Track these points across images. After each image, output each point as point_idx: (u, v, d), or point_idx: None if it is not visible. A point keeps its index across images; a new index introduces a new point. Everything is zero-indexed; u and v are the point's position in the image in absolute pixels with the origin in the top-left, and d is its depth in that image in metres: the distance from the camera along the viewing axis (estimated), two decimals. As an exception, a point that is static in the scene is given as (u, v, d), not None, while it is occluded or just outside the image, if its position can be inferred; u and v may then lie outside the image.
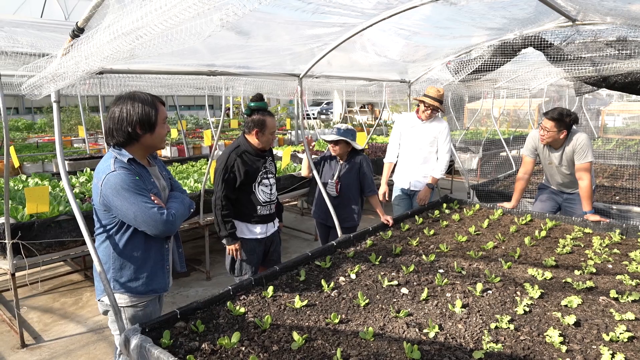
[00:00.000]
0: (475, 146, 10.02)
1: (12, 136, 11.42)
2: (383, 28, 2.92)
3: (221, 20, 1.15)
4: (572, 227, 3.50)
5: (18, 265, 3.26)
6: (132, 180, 1.95)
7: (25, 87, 1.96)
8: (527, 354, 1.81)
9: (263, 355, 1.79)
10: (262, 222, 3.11)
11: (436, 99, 4.01)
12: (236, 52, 2.87)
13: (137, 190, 1.95)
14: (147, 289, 2.15)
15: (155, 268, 2.17)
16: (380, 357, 1.77)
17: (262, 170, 3.06)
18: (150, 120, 2.02)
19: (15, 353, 3.33)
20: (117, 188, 1.93)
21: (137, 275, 2.12)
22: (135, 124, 1.99)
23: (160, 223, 1.97)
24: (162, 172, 2.29)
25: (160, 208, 2.01)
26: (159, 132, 2.08)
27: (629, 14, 3.02)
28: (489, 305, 2.22)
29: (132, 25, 1.32)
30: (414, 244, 3.12)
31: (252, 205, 3.05)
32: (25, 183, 4.90)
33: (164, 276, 2.22)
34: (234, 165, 2.94)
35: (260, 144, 3.02)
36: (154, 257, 2.15)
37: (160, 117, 2.07)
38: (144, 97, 2.03)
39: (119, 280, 2.10)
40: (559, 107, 3.62)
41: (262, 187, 3.07)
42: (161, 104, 2.10)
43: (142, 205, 1.94)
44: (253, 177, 3.01)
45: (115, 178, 1.93)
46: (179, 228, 2.19)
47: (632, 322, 2.04)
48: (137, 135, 2.02)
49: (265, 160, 3.10)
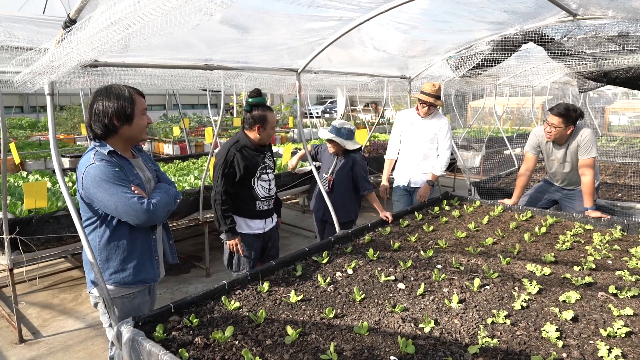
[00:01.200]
0: (478, 144, 9.98)
1: (16, 134, 11.45)
2: (381, 22, 2.90)
3: (207, 8, 1.13)
4: (572, 224, 3.46)
5: (16, 260, 3.27)
6: (111, 172, 1.97)
7: (19, 80, 1.95)
8: (522, 348, 1.79)
9: (256, 349, 1.78)
10: (260, 217, 3.10)
11: (431, 94, 3.97)
12: (232, 47, 2.85)
13: (116, 181, 1.97)
14: (135, 280, 2.15)
15: (143, 258, 2.16)
16: (374, 352, 1.76)
17: (262, 165, 3.05)
18: (126, 112, 2.03)
19: (14, 348, 3.33)
20: (97, 180, 1.94)
21: (124, 266, 2.12)
22: (111, 116, 2.01)
23: (140, 212, 1.97)
24: (147, 164, 2.29)
25: (141, 198, 2.01)
26: (137, 123, 2.09)
27: (631, 8, 2.98)
28: (486, 300, 2.20)
29: (119, 15, 1.31)
30: (413, 240, 3.10)
31: (251, 200, 3.04)
32: (25, 179, 4.92)
33: (152, 266, 2.21)
34: (233, 160, 2.93)
35: (262, 139, 3.01)
36: (141, 247, 2.15)
37: (138, 109, 2.08)
38: (120, 90, 2.04)
39: (106, 272, 2.11)
40: (564, 103, 3.59)
41: (261, 182, 3.06)
42: (139, 96, 2.11)
43: (122, 195, 1.95)
44: (252, 171, 3.00)
45: (95, 170, 1.96)
46: (164, 218, 2.18)
47: (630, 318, 2.02)
48: (115, 127, 2.04)
49: (265, 156, 3.09)
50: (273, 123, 3.02)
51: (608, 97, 12.77)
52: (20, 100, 23.59)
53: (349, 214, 3.77)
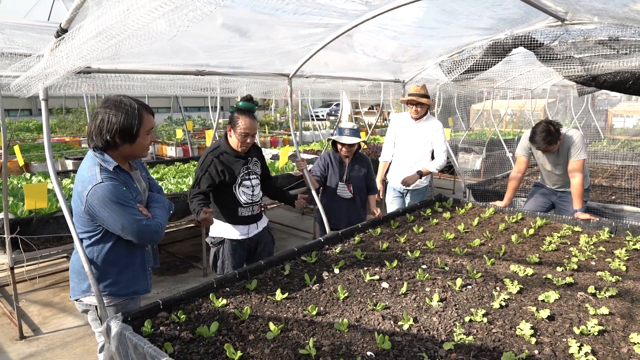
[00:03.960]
0: (478, 147, 9.99)
1: (22, 136, 11.65)
2: (369, 29, 2.97)
3: (181, 25, 1.21)
4: (561, 226, 3.51)
5: (17, 259, 3.37)
6: (120, 193, 1.94)
7: (15, 85, 2.04)
8: (496, 345, 1.85)
9: (239, 344, 1.85)
10: (243, 223, 3.06)
11: (416, 93, 4.02)
12: (226, 52, 2.93)
13: (125, 202, 1.95)
14: (128, 291, 2.20)
15: (137, 271, 2.21)
16: (352, 347, 1.82)
17: (243, 172, 2.99)
18: (131, 132, 1.97)
19: (14, 344, 3.43)
20: (106, 200, 1.90)
21: (119, 279, 2.16)
22: (115, 133, 1.95)
23: (148, 233, 2.01)
24: (141, 173, 2.29)
25: (148, 220, 2.03)
26: (140, 143, 2.03)
27: (616, 14, 3.04)
28: (466, 299, 2.26)
29: (105, 25, 1.39)
30: (402, 240, 3.16)
31: (232, 205, 2.99)
32: (28, 181, 5.04)
33: (145, 278, 2.27)
34: (210, 165, 2.90)
35: (236, 143, 2.91)
36: (136, 260, 2.20)
37: (144, 129, 2.01)
38: (129, 106, 1.96)
39: (100, 284, 2.13)
40: (540, 126, 3.55)
41: (243, 189, 3.00)
42: (149, 114, 2.04)
43: (130, 218, 1.94)
44: (232, 178, 2.94)
45: (103, 190, 1.91)
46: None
47: (605, 317, 2.07)
48: (116, 144, 1.99)
49: (247, 162, 3.02)
50: (245, 129, 2.83)
51: (615, 100, 12.67)
52: (29, 103, 23.88)
53: (365, 214, 3.82)
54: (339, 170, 3.69)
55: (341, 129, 3.60)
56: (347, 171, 3.66)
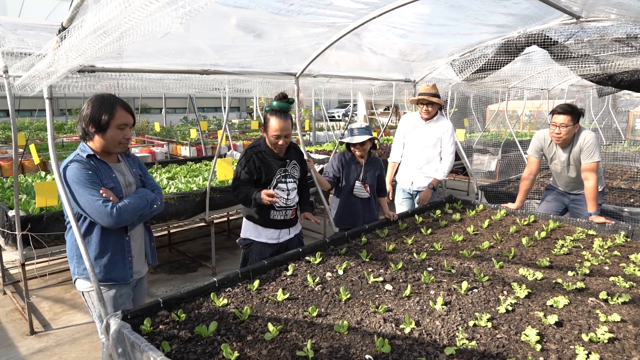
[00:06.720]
0: (494, 148, 9.83)
1: (41, 136, 11.89)
2: (378, 27, 2.93)
3: (173, 23, 1.20)
4: (575, 229, 3.41)
5: (28, 256, 3.43)
6: (83, 174, 2.08)
7: (19, 84, 2.07)
8: (500, 351, 1.79)
9: (237, 344, 1.83)
10: (274, 227, 2.99)
11: (426, 93, 3.96)
12: (231, 52, 2.93)
13: (86, 183, 2.08)
14: (106, 277, 2.25)
15: (115, 258, 2.26)
16: (351, 350, 1.79)
17: (280, 174, 2.94)
18: (100, 122, 2.12)
19: (24, 339, 3.49)
20: (69, 181, 2.09)
21: (95, 263, 2.22)
22: (88, 122, 2.13)
23: (105, 215, 2.07)
24: (132, 168, 2.37)
25: (106, 201, 2.09)
26: (110, 136, 2.16)
27: (635, 9, 2.94)
28: (471, 303, 2.21)
29: (102, 21, 1.39)
30: (409, 242, 3.11)
31: (265, 207, 2.91)
32: (43, 179, 5.13)
33: (124, 267, 2.30)
34: (249, 161, 2.88)
35: (270, 143, 2.89)
36: (113, 247, 2.25)
37: (115, 122, 2.15)
38: (106, 100, 2.14)
39: (80, 266, 2.24)
40: (563, 103, 3.57)
41: (278, 191, 2.93)
42: (125, 111, 2.18)
43: (88, 197, 2.06)
44: (268, 177, 2.91)
45: (69, 172, 2.10)
46: (134, 221, 2.26)
47: (616, 324, 1.99)
48: (91, 133, 2.16)
49: (286, 164, 2.97)
50: (277, 131, 2.80)
51: (638, 100, 12.31)
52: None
53: (378, 215, 3.80)
54: (355, 171, 3.65)
55: (351, 130, 3.58)
56: (363, 172, 3.63)
